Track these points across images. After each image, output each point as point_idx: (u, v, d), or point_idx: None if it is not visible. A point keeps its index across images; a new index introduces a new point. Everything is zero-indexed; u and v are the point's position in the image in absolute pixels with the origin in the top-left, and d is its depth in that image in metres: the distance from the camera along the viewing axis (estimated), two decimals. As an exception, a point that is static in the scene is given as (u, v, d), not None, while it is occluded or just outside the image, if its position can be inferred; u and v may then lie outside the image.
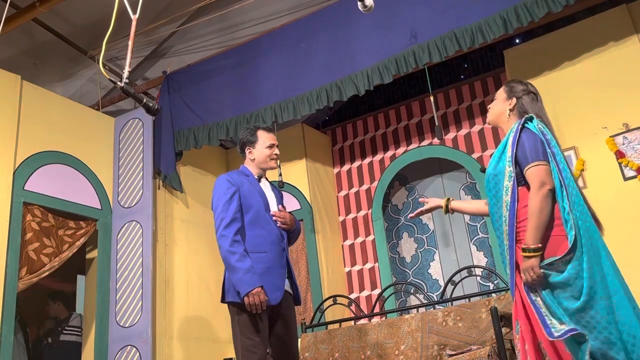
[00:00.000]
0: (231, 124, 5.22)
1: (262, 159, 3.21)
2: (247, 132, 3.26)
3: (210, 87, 5.43)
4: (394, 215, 6.27)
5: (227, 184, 3.05)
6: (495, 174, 2.55)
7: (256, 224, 3.00)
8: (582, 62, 4.78)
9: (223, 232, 2.90)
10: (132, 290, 4.82)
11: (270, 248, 2.98)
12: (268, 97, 5.04)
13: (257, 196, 3.07)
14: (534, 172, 2.42)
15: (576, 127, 4.67)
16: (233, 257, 2.83)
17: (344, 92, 4.69)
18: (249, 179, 3.14)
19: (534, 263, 2.33)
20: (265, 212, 3.06)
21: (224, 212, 2.94)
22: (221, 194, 3.02)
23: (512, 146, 2.49)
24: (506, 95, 2.72)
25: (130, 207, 5.09)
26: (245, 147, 3.25)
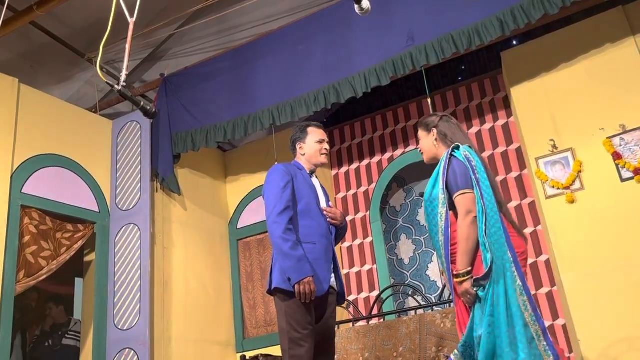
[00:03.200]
0: (229, 126, 5.22)
1: (313, 154, 3.22)
2: (298, 129, 3.30)
3: (208, 90, 5.43)
4: (392, 217, 6.27)
5: (283, 172, 3.05)
6: (431, 200, 2.72)
7: (307, 215, 3.00)
8: (579, 64, 4.80)
9: (276, 218, 2.88)
10: (130, 293, 4.82)
11: (319, 240, 2.97)
12: (266, 99, 5.04)
13: (308, 189, 3.08)
14: (460, 200, 2.58)
15: (573, 129, 4.69)
16: (286, 244, 2.81)
17: (341, 94, 4.70)
18: (301, 172, 3.16)
19: (466, 287, 2.52)
20: (316, 205, 3.06)
21: (278, 198, 2.93)
22: (276, 181, 3.01)
23: (443, 175, 2.67)
24: (426, 131, 2.94)
25: (128, 210, 5.09)
26: (296, 142, 3.27)
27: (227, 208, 6.31)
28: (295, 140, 3.27)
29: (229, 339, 5.73)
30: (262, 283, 5.94)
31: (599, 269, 4.28)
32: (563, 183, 4.60)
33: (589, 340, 4.19)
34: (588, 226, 4.42)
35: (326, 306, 2.98)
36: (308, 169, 3.20)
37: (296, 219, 2.96)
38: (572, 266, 4.41)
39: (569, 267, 4.43)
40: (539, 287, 5.01)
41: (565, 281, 4.42)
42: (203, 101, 5.40)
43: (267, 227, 2.95)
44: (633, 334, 4.06)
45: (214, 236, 5.97)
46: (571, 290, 4.37)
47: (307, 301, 2.79)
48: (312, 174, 3.22)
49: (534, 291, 5.01)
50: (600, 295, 4.23)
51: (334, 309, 3.06)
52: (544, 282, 5.00)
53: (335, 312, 3.08)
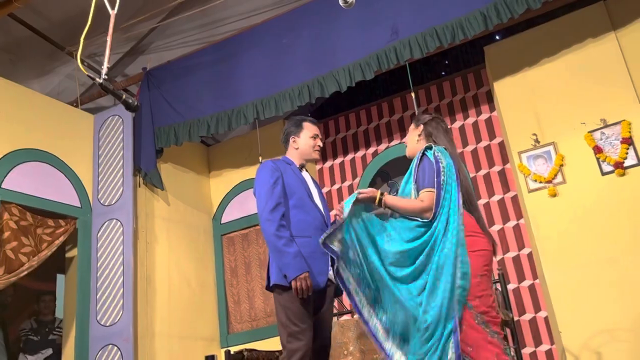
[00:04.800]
0: (212, 120, 5.19)
1: (306, 149, 3.21)
2: (293, 123, 3.27)
3: (190, 84, 5.39)
4: (376, 212, 6.27)
5: (271, 168, 3.06)
6: (404, 195, 2.82)
7: (301, 209, 3.01)
8: (561, 58, 4.85)
9: (268, 216, 2.90)
10: (113, 289, 4.79)
11: (314, 233, 2.95)
12: (250, 93, 5.03)
13: (299, 183, 3.09)
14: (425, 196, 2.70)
15: (555, 123, 4.74)
16: (280, 241, 2.83)
17: (325, 89, 4.70)
18: (291, 167, 3.16)
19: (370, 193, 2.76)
20: (309, 199, 3.07)
21: (268, 196, 2.95)
22: (265, 178, 3.02)
23: (415, 172, 2.78)
24: (414, 125, 3.02)
25: (110, 205, 5.05)
26: (289, 136, 3.24)
27: (210, 203, 6.28)
28: (289, 134, 3.25)
29: (213, 334, 5.72)
30: (246, 278, 5.93)
31: (581, 261, 4.34)
32: (545, 177, 4.65)
33: (570, 332, 4.26)
34: (569, 219, 4.47)
35: (324, 299, 3.00)
36: (298, 164, 3.20)
37: (289, 213, 2.98)
38: (554, 259, 4.47)
39: (551, 259, 4.48)
40: (522, 280, 5.06)
41: (547, 274, 4.47)
42: (186, 95, 5.37)
43: (260, 225, 2.97)
44: (614, 326, 4.13)
45: (198, 231, 5.95)
46: (553, 283, 4.43)
47: (304, 296, 2.81)
48: (302, 168, 3.21)
49: (516, 284, 5.07)
50: (581, 288, 4.29)
51: (331, 300, 3.09)
52: (527, 275, 5.06)
53: (332, 304, 3.10)
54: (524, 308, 4.98)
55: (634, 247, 4.18)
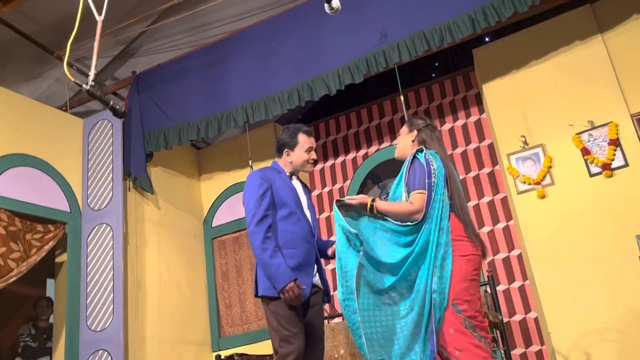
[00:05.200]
0: (202, 124, 5.19)
1: (300, 163, 3.19)
2: (287, 134, 3.23)
3: (180, 87, 5.39)
4: (367, 214, 6.28)
5: (260, 180, 3.05)
6: (394, 198, 2.85)
7: (288, 220, 3.02)
8: (549, 61, 4.88)
9: (255, 228, 2.93)
10: (103, 294, 4.76)
11: (301, 244, 2.98)
12: (239, 96, 5.03)
13: (289, 192, 3.08)
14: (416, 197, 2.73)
15: (544, 125, 4.76)
16: (265, 253, 2.86)
17: (315, 92, 4.71)
18: (280, 176, 3.14)
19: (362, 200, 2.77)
20: (297, 209, 3.07)
21: (256, 208, 2.97)
22: (253, 190, 3.03)
23: (406, 175, 2.80)
24: (407, 129, 3.04)
25: (100, 209, 5.02)
26: (283, 148, 3.21)
27: (201, 206, 6.27)
28: (283, 146, 3.21)
29: (205, 338, 5.71)
30: (237, 281, 5.92)
31: (570, 262, 4.37)
32: (534, 178, 4.67)
33: (560, 332, 4.28)
34: (558, 221, 4.50)
35: (309, 307, 3.02)
36: (288, 172, 3.18)
37: (277, 225, 2.99)
38: (543, 260, 4.49)
39: (540, 261, 4.51)
40: (512, 281, 5.08)
41: (537, 275, 4.50)
42: (175, 99, 5.36)
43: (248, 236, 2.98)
44: (603, 326, 4.15)
45: (188, 235, 5.94)
46: (542, 284, 4.45)
47: (296, 304, 2.87)
48: (292, 176, 3.20)
49: (506, 285, 5.09)
50: (571, 288, 4.31)
51: (319, 307, 3.11)
52: (517, 276, 5.08)
53: (322, 310, 3.14)
54: (514, 309, 5.01)
55: (622, 248, 4.20)
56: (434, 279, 2.56)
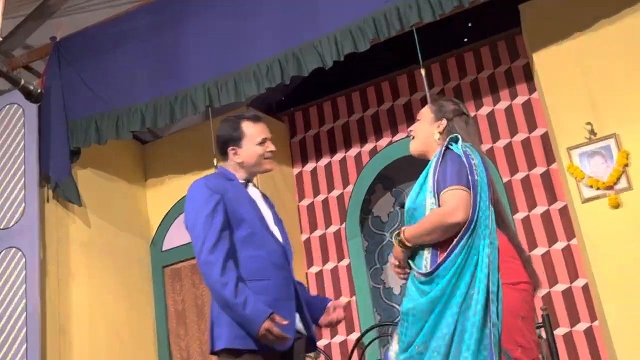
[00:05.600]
0: (148, 109, 5.18)
1: (254, 161, 3.21)
2: (227, 127, 3.26)
3: (118, 59, 5.39)
4: (377, 231, 6.30)
5: (207, 190, 3.05)
6: (414, 207, 2.85)
7: (251, 243, 3.03)
8: (625, 21, 4.85)
9: (209, 257, 2.91)
10: (13, 343, 4.74)
11: (274, 274, 3.01)
12: (199, 72, 5.03)
13: (247, 205, 3.10)
14: (448, 196, 2.71)
15: (616, 109, 4.76)
16: (226, 289, 2.85)
17: (304, 64, 4.70)
18: (233, 184, 3.16)
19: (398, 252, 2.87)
20: (262, 226, 3.09)
21: (207, 230, 2.95)
22: (200, 205, 3.02)
23: (434, 174, 2.78)
24: (434, 115, 3.01)
25: (7, 228, 5.01)
26: (227, 146, 3.23)
27: (147, 223, 6.25)
28: (225, 143, 3.24)
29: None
30: (198, 325, 5.90)
31: (655, 296, 4.38)
32: (604, 181, 4.68)
33: (642, 392, 4.29)
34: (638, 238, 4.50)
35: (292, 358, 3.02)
36: (242, 178, 3.21)
37: (236, 251, 2.99)
38: (618, 293, 4.48)
39: (613, 294, 4.50)
40: (575, 322, 5.10)
41: (609, 313, 4.48)
42: (111, 75, 5.35)
43: (199, 269, 2.96)
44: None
45: (130, 262, 5.93)
46: (617, 326, 4.44)
47: (282, 349, 2.87)
48: (247, 184, 3.23)
49: (567, 327, 5.11)
50: (655, 332, 4.32)
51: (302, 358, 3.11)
52: (582, 316, 5.09)
53: None
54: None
55: None
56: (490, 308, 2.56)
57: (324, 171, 6.33)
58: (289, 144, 6.61)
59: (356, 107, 6.35)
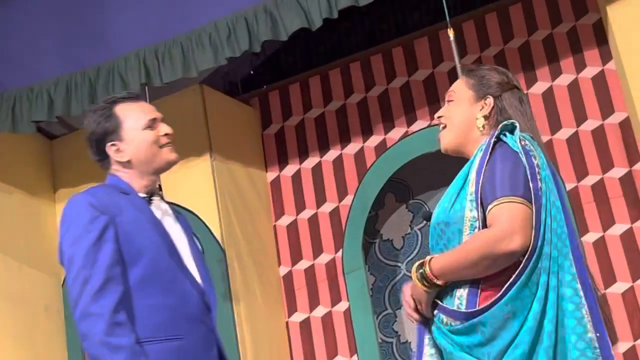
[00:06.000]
0: (58, 89, 5.25)
1: (145, 154, 3.20)
2: (97, 117, 3.25)
3: (16, 19, 5.41)
4: (387, 261, 6.29)
5: (91, 211, 3.00)
6: (446, 222, 2.81)
7: (153, 286, 3.01)
8: None
9: (91, 306, 2.85)
10: None
11: (190, 329, 3.02)
12: (132, 36, 5.11)
13: (150, 231, 3.07)
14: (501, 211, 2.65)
15: None
16: (117, 356, 2.81)
17: (281, 25, 4.74)
18: (130, 199, 3.13)
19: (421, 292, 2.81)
20: (171, 261, 3.08)
21: (89, 266, 2.91)
22: (80, 231, 2.98)
23: (478, 176, 2.75)
24: (473, 92, 2.98)
25: None
26: (104, 142, 3.22)
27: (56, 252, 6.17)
28: (101, 140, 3.22)
29: None
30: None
31: None
32: None
33: None
34: None
35: None
36: (142, 189, 3.21)
37: (130, 297, 2.95)
38: None
39: None
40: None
41: None
42: (4, 40, 5.39)
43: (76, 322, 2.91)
44: None
45: (35, 310, 5.90)
46: None
47: None
48: (151, 197, 3.22)
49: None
50: None
51: None
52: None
53: None
54: None
55: None
56: None
57: (311, 176, 6.32)
58: (260, 136, 6.60)
59: (356, 84, 6.34)
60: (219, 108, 6.22)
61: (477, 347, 2.61)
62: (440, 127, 3.06)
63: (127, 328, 2.86)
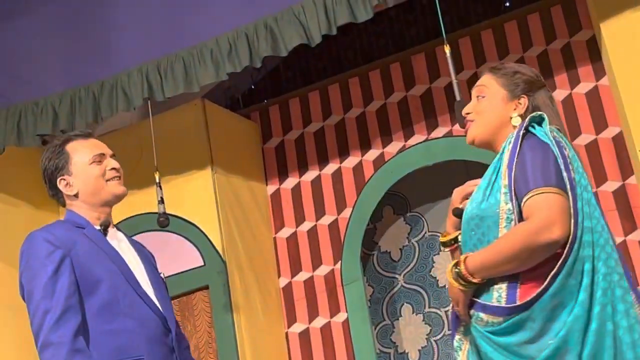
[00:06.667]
0: (63, 103, 5.23)
1: (93, 188, 3.31)
2: (49, 154, 3.40)
3: (21, 35, 5.41)
4: (385, 273, 6.31)
5: (47, 246, 3.11)
6: (481, 215, 2.76)
7: (114, 311, 3.08)
8: None
9: (51, 335, 2.92)
10: None
11: (149, 350, 3.07)
12: (133, 52, 5.10)
13: (106, 261, 3.16)
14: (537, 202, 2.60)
15: None
16: None
17: (281, 41, 4.74)
18: (85, 233, 3.22)
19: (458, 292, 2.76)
20: (128, 288, 3.14)
21: (47, 298, 2.99)
22: (38, 266, 3.08)
23: (510, 167, 2.71)
24: (507, 91, 2.93)
25: None
26: (55, 178, 3.35)
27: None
28: (53, 176, 3.35)
29: None
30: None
31: None
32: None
33: None
34: None
35: None
36: (96, 221, 3.30)
37: (87, 324, 3.04)
38: None
39: None
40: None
41: None
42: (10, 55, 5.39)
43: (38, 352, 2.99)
44: None
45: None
46: None
47: None
48: (106, 228, 3.31)
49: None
50: None
51: None
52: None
53: None
54: None
55: None
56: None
57: (311, 189, 6.33)
58: (261, 150, 6.60)
59: (355, 99, 6.35)
60: (220, 122, 6.22)
61: (526, 345, 2.54)
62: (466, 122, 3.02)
63: (87, 354, 2.93)
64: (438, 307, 6.09)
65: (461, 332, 2.83)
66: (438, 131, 5.99)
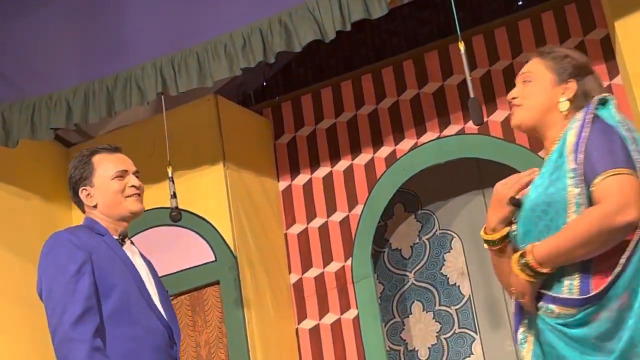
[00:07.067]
0: (77, 97, 5.23)
1: (111, 202, 3.36)
2: (76, 163, 3.46)
3: (35, 29, 5.43)
4: (396, 270, 6.31)
5: (70, 246, 3.15)
6: (548, 202, 2.69)
7: (125, 318, 3.14)
8: None
9: (71, 332, 2.97)
10: None
11: (153, 358, 3.15)
12: (147, 46, 5.11)
13: (122, 269, 3.22)
14: (609, 185, 2.56)
15: None
16: None
17: (295, 36, 4.74)
18: (105, 240, 3.27)
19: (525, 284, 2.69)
20: (141, 297, 3.22)
21: (69, 296, 3.02)
22: (60, 264, 3.11)
23: (576, 150, 2.65)
24: (555, 75, 2.87)
25: None
26: (78, 187, 3.41)
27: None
28: (76, 185, 3.42)
29: None
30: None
31: None
32: None
33: None
34: None
35: None
36: (114, 232, 3.35)
37: (103, 327, 3.08)
38: None
39: None
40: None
41: None
42: (24, 49, 5.40)
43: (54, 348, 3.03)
44: None
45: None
46: None
47: None
48: (123, 239, 3.37)
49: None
50: None
51: None
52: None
53: None
54: None
55: None
56: None
57: (322, 185, 6.33)
58: (273, 146, 6.61)
59: (367, 96, 6.35)
60: (232, 118, 6.23)
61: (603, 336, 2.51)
62: (512, 107, 2.97)
63: (105, 354, 2.98)
64: (448, 305, 6.08)
65: (525, 324, 2.77)
66: (450, 129, 5.99)
